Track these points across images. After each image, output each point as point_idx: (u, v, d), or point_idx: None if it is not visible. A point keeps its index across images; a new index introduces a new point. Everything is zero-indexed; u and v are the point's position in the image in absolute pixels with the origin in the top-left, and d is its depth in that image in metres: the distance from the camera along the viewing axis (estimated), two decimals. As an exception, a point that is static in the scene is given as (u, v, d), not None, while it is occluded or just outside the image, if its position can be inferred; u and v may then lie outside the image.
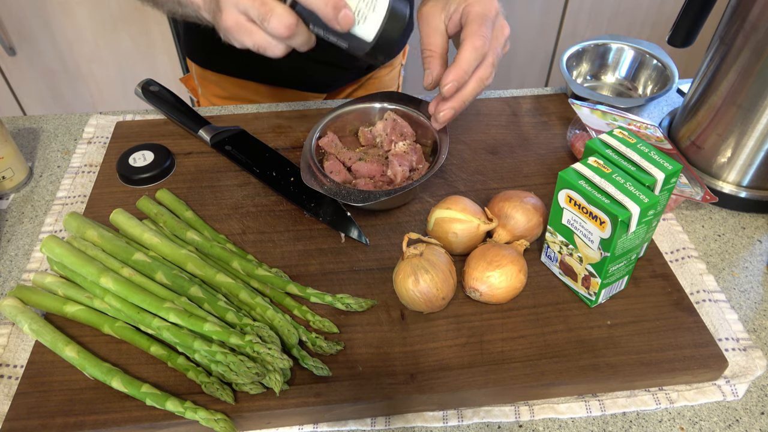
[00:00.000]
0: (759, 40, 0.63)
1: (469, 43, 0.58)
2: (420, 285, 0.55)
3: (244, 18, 0.51)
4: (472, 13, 0.59)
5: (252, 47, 0.52)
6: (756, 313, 0.62)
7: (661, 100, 0.88)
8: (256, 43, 0.52)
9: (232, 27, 0.52)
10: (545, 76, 1.90)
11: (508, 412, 0.54)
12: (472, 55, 0.58)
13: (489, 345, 0.56)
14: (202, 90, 1.02)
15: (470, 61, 0.58)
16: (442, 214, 0.62)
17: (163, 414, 0.51)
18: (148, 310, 0.55)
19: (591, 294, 0.58)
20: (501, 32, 0.60)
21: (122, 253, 0.59)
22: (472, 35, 0.58)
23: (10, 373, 0.56)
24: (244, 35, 0.52)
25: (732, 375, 0.56)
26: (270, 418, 0.52)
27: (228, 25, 0.52)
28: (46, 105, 1.75)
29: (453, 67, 0.58)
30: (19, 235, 0.70)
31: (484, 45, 0.58)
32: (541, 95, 0.87)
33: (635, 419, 0.54)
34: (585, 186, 0.53)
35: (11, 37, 1.58)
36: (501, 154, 0.77)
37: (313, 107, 0.86)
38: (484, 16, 0.58)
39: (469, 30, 0.58)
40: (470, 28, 0.58)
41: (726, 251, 0.68)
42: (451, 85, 0.59)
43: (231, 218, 0.68)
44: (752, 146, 0.68)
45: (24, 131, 0.84)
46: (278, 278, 0.60)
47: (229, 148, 0.76)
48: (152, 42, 1.63)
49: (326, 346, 0.55)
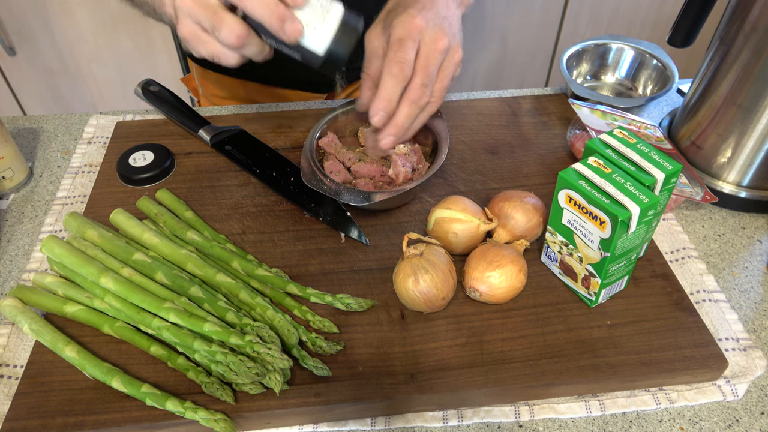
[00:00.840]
0: (759, 40, 0.63)
1: (386, 71, 0.56)
2: (420, 285, 0.55)
3: (198, 28, 0.52)
4: (392, 38, 0.56)
5: (207, 56, 0.53)
6: (756, 313, 0.62)
7: (661, 100, 0.88)
8: (210, 52, 0.53)
9: (187, 36, 0.52)
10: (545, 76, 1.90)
11: (508, 412, 0.54)
12: (390, 82, 0.56)
13: (489, 345, 0.56)
14: (203, 90, 1.02)
15: (390, 88, 0.56)
16: (442, 214, 0.62)
17: (163, 414, 0.51)
18: (148, 310, 0.55)
19: (591, 294, 0.58)
20: (433, 47, 0.56)
21: (122, 253, 0.59)
22: (388, 63, 0.56)
23: (10, 373, 0.56)
24: (198, 44, 0.52)
25: (732, 375, 0.56)
26: (270, 418, 0.52)
27: (183, 34, 0.52)
28: (46, 105, 1.75)
29: (375, 98, 0.57)
30: (19, 235, 0.70)
31: (402, 70, 0.55)
32: (541, 95, 0.87)
33: (635, 419, 0.54)
34: (585, 186, 0.53)
35: (11, 37, 1.58)
36: (501, 154, 0.77)
37: (313, 107, 0.86)
38: (401, 39, 0.55)
39: (387, 57, 0.56)
40: (389, 54, 0.56)
41: (726, 251, 0.68)
42: (380, 115, 0.57)
43: (231, 218, 0.68)
44: (752, 146, 0.68)
45: (24, 131, 0.84)
46: (278, 278, 0.60)
47: (229, 148, 0.76)
48: (152, 42, 1.63)
49: (326, 346, 0.55)
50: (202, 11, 0.50)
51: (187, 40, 0.53)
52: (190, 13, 0.51)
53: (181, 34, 0.53)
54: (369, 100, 0.59)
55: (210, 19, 0.50)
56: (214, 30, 0.50)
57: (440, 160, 0.67)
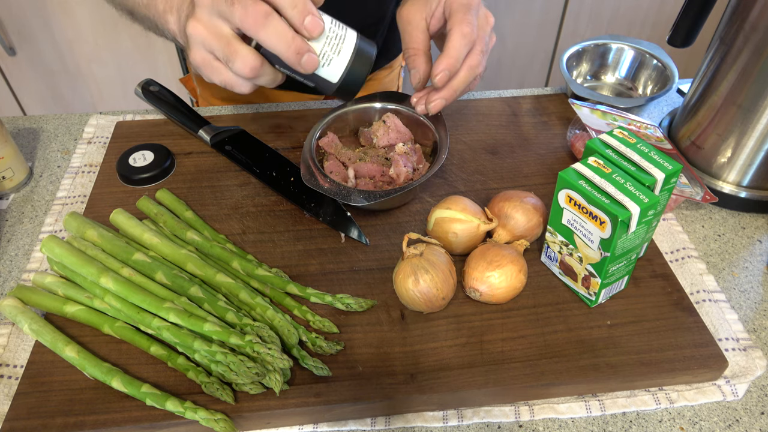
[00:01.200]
0: (759, 40, 0.63)
1: (457, 30, 0.57)
2: (420, 285, 0.55)
3: (211, 57, 0.51)
4: (456, 3, 0.59)
5: (219, 84, 0.53)
6: (756, 313, 0.62)
7: (661, 100, 0.88)
8: (222, 80, 0.52)
9: (200, 64, 0.52)
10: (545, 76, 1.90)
11: (508, 412, 0.54)
12: (461, 42, 0.57)
13: (489, 345, 0.56)
14: (202, 91, 1.02)
15: (460, 48, 0.58)
16: (442, 214, 0.62)
17: (163, 414, 0.51)
18: (148, 310, 0.55)
19: (591, 294, 0.58)
20: (486, 21, 0.60)
21: (122, 253, 0.59)
22: (459, 23, 0.58)
23: (10, 373, 0.56)
24: (211, 73, 0.52)
25: (732, 375, 0.56)
26: (270, 418, 0.52)
27: (196, 61, 0.52)
28: (46, 105, 1.75)
29: (443, 56, 0.58)
30: (19, 235, 0.70)
31: (472, 32, 0.58)
32: (541, 95, 0.87)
33: (635, 419, 0.54)
34: (585, 186, 0.53)
35: (11, 37, 1.58)
36: (501, 154, 0.77)
37: (313, 107, 0.86)
38: (467, 5, 0.58)
39: (455, 19, 0.58)
40: (456, 17, 0.58)
41: (726, 251, 0.68)
42: (443, 74, 0.58)
43: (231, 218, 0.68)
44: (752, 146, 0.68)
45: (24, 131, 0.84)
46: (278, 278, 0.60)
47: (229, 148, 0.76)
48: (152, 42, 1.63)
49: (326, 346, 0.55)
50: (215, 41, 0.50)
51: (199, 68, 0.52)
52: (203, 42, 0.50)
53: (193, 61, 0.52)
54: (424, 72, 0.61)
55: (223, 50, 0.50)
56: (228, 61, 0.50)
57: (440, 160, 0.67)
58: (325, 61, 0.52)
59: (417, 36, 0.61)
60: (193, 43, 0.51)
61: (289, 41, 0.49)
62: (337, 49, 0.52)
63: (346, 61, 0.53)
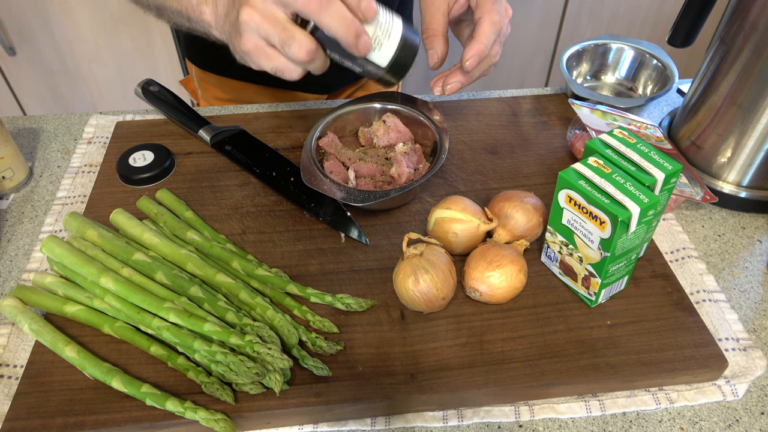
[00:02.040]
0: (759, 40, 0.63)
1: (488, 18, 0.59)
2: (420, 285, 0.55)
3: (264, 43, 0.51)
4: None
5: (270, 70, 0.53)
6: (756, 313, 0.62)
7: (661, 100, 0.88)
8: (275, 66, 0.52)
9: (251, 51, 0.52)
10: (545, 76, 1.90)
11: (508, 412, 0.54)
12: (491, 29, 0.60)
13: (489, 345, 0.56)
14: (202, 92, 1.02)
15: (490, 36, 0.60)
16: (442, 214, 0.62)
17: (163, 414, 0.51)
18: (148, 310, 0.55)
19: (591, 294, 0.58)
20: (506, 13, 0.62)
21: (122, 253, 0.59)
22: (489, 12, 0.60)
23: (10, 373, 0.56)
24: (263, 59, 0.52)
25: (732, 375, 0.56)
26: (270, 418, 0.52)
27: (247, 48, 0.52)
28: (46, 105, 1.75)
29: (474, 42, 0.60)
30: (19, 235, 0.70)
31: (501, 20, 0.60)
32: (541, 95, 0.87)
33: (635, 419, 0.54)
34: (585, 186, 0.53)
35: (11, 37, 1.58)
36: (501, 154, 0.77)
37: (313, 107, 0.86)
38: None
39: (485, 8, 0.60)
40: (486, 6, 0.60)
41: (726, 251, 0.68)
42: (474, 59, 0.60)
43: (231, 218, 0.68)
44: (752, 146, 0.68)
45: (24, 131, 0.84)
46: (278, 278, 0.60)
47: (229, 148, 0.76)
48: (152, 42, 1.63)
49: (326, 346, 0.55)
50: (271, 27, 0.50)
51: (249, 54, 0.52)
52: (258, 28, 0.50)
53: (243, 48, 0.52)
54: (442, 53, 0.63)
55: (280, 35, 0.50)
56: (284, 46, 0.50)
57: (440, 160, 0.67)
58: (377, 45, 0.53)
59: (438, 18, 0.62)
60: (246, 30, 0.51)
61: (349, 24, 0.49)
62: (387, 33, 0.53)
63: (395, 45, 0.54)
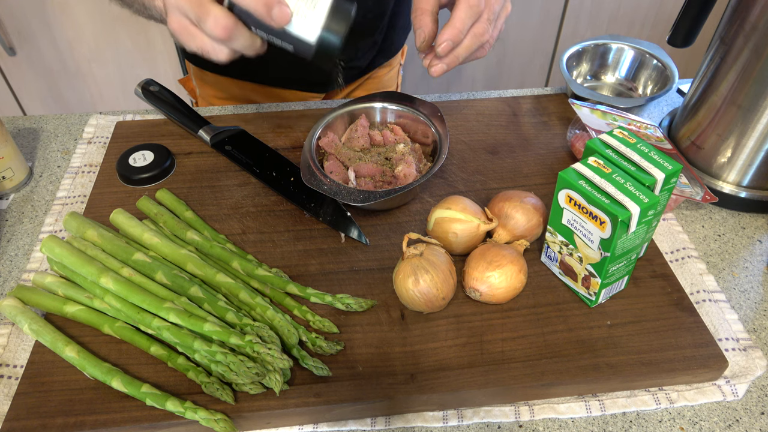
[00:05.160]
0: (759, 40, 0.63)
1: (465, 2, 0.57)
2: (420, 285, 0.55)
3: (187, 21, 0.51)
4: None
5: (197, 51, 0.52)
6: (756, 313, 0.62)
7: (661, 100, 0.88)
8: (198, 46, 0.52)
9: (177, 30, 0.52)
10: (545, 76, 1.90)
11: (508, 412, 0.54)
12: (466, 13, 0.58)
13: (489, 345, 0.56)
14: (201, 92, 1.02)
15: (465, 19, 0.58)
16: (442, 214, 0.62)
17: (163, 414, 0.51)
18: (148, 310, 0.55)
19: (591, 294, 0.58)
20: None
21: (122, 253, 0.59)
22: None
23: (10, 373, 0.56)
24: (188, 38, 0.52)
25: (732, 375, 0.56)
26: (270, 418, 0.52)
27: (173, 28, 0.52)
28: (46, 105, 1.75)
29: (448, 26, 0.58)
30: (19, 235, 0.70)
31: (479, 3, 0.58)
32: (541, 95, 0.87)
33: (635, 419, 0.54)
34: (585, 186, 0.53)
35: (11, 37, 1.58)
36: (501, 154, 0.77)
37: (313, 107, 0.86)
38: None
39: None
40: None
41: (726, 251, 0.68)
42: (447, 44, 0.58)
43: (231, 218, 0.68)
44: (752, 146, 0.68)
45: (24, 131, 0.84)
46: (278, 278, 0.60)
47: (229, 148, 0.76)
48: (152, 42, 1.63)
49: (326, 346, 0.55)
50: (188, 4, 0.49)
51: (176, 34, 0.52)
52: (178, 6, 0.50)
53: (171, 28, 0.52)
54: (429, 31, 0.61)
55: (196, 11, 0.49)
56: (200, 22, 0.49)
57: (440, 160, 0.67)
58: (300, 17, 0.50)
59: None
60: (170, 9, 0.51)
61: None
62: (312, 3, 0.50)
63: (322, 18, 0.50)
